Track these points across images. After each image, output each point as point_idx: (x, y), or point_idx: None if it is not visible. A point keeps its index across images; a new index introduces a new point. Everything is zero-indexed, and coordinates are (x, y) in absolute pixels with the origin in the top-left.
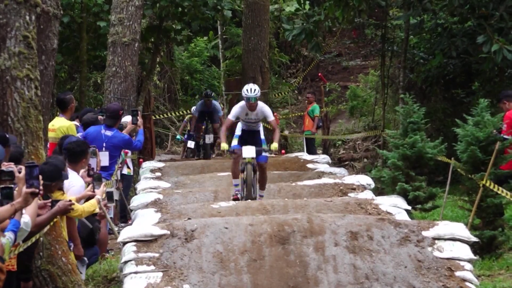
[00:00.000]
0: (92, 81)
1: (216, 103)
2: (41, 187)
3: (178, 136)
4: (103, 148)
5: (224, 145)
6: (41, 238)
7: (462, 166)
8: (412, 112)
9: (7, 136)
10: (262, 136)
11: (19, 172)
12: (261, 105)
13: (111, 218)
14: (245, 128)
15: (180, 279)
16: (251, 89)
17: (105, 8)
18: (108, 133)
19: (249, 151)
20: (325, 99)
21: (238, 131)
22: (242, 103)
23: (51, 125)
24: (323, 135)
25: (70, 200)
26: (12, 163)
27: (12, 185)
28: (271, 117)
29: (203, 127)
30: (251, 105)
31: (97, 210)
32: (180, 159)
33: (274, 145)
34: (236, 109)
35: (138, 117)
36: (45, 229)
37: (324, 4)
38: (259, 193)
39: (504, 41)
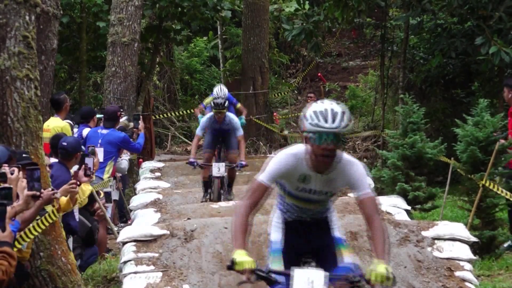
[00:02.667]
0: (92, 81)
1: (232, 116)
2: (42, 190)
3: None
4: (98, 145)
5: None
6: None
7: (461, 166)
8: (412, 112)
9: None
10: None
11: (12, 174)
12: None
13: (110, 218)
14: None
15: (179, 279)
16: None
17: (105, 8)
18: (104, 131)
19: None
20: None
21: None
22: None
23: (46, 125)
24: None
25: (52, 189)
26: (6, 164)
27: (11, 186)
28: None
29: (214, 154)
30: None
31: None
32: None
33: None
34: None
35: (140, 121)
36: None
37: (324, 4)
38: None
39: (502, 43)
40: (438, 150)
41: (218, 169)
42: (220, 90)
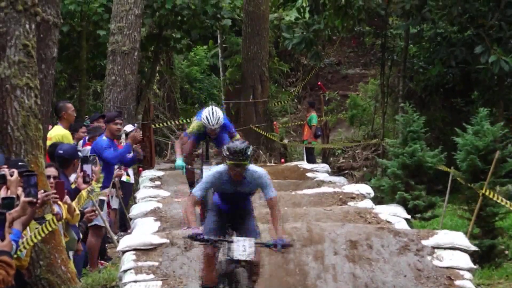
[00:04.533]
0: (92, 90)
1: (255, 169)
2: (39, 196)
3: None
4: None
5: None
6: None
7: (461, 175)
8: (412, 121)
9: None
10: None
11: (11, 176)
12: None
13: (110, 226)
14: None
15: None
16: (212, 114)
17: (105, 17)
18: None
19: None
20: (324, 108)
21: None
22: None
23: (49, 134)
24: (322, 144)
25: (44, 191)
26: (5, 166)
27: (14, 196)
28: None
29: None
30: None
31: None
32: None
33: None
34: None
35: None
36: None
37: (324, 13)
38: None
39: (502, 52)
40: (438, 159)
41: (244, 248)
42: (212, 114)
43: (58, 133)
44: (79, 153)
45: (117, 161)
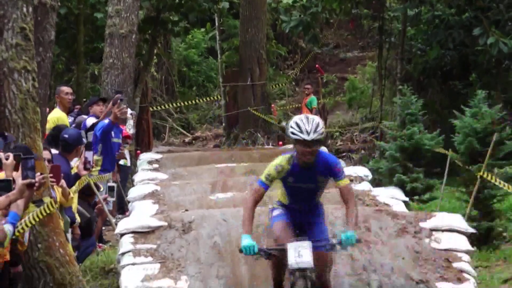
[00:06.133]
0: (90, 73)
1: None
2: (36, 179)
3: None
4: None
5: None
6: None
7: (459, 157)
8: (410, 103)
9: (6, 134)
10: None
11: (6, 159)
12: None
13: (109, 210)
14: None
15: (177, 271)
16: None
17: (103, 0)
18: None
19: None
20: (322, 91)
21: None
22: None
23: (48, 117)
24: None
25: (41, 174)
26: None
27: (10, 178)
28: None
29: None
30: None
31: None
32: None
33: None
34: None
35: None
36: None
37: None
38: None
39: (500, 34)
40: (436, 142)
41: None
42: (306, 119)
43: (53, 115)
44: (84, 140)
45: (100, 135)
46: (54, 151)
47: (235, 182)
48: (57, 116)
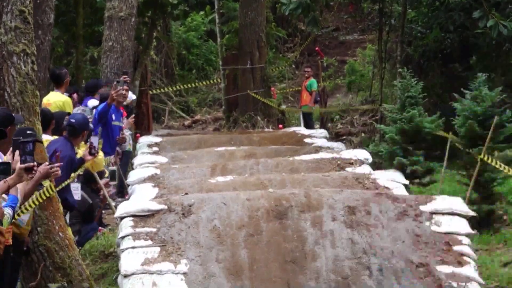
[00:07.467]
0: (89, 56)
1: None
2: (35, 163)
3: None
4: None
5: None
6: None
7: (459, 140)
8: (410, 86)
9: (13, 115)
10: None
11: None
12: None
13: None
14: None
15: (177, 254)
16: None
17: None
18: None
19: None
20: (322, 74)
21: None
22: None
23: (46, 99)
24: (320, 109)
25: (49, 163)
26: None
27: (10, 161)
28: None
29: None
30: None
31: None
32: None
33: None
34: None
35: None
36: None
37: None
38: None
39: (500, 16)
40: (436, 125)
41: None
42: None
43: (58, 99)
44: (90, 125)
45: (97, 118)
46: (46, 136)
47: (235, 165)
48: (62, 100)
